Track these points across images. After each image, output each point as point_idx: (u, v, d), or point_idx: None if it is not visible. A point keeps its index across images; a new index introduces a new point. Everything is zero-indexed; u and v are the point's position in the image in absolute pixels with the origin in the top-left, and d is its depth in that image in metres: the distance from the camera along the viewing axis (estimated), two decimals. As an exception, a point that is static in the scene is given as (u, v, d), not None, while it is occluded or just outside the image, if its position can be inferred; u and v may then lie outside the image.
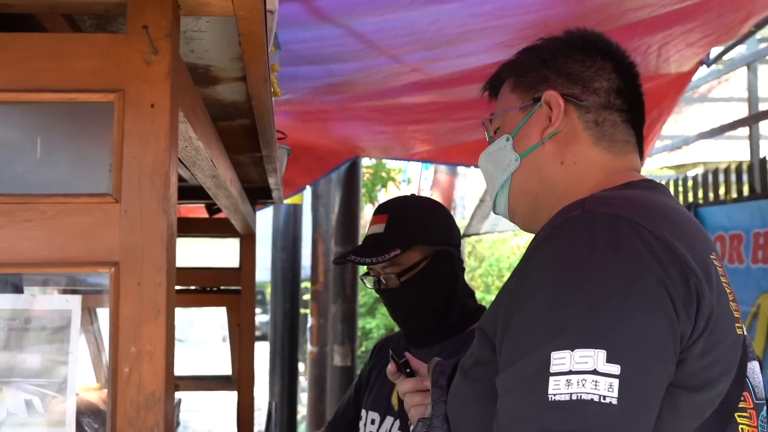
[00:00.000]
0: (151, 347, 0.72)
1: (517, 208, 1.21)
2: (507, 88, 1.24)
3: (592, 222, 0.93)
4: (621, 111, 1.16)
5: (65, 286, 0.80)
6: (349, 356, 5.59)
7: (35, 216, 0.72)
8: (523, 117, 1.17)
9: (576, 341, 0.83)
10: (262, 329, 13.15)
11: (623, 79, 1.17)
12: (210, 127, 1.16)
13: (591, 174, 1.13)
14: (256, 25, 0.86)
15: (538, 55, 1.20)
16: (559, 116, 1.13)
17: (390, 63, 2.53)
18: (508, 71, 1.25)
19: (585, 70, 1.16)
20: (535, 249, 0.96)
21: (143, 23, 0.74)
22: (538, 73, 1.18)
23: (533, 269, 0.94)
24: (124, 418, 0.71)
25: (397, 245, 1.67)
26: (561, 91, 1.14)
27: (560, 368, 0.83)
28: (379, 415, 1.77)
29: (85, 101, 0.74)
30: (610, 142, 1.15)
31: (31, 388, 0.74)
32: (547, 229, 0.97)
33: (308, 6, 1.86)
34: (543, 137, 1.14)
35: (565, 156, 1.14)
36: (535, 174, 1.16)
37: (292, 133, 3.17)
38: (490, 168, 1.24)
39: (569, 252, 0.91)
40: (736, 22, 2.70)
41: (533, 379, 0.85)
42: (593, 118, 1.14)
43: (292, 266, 5.74)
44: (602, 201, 0.98)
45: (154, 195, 0.74)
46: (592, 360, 0.82)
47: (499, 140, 1.20)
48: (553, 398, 0.82)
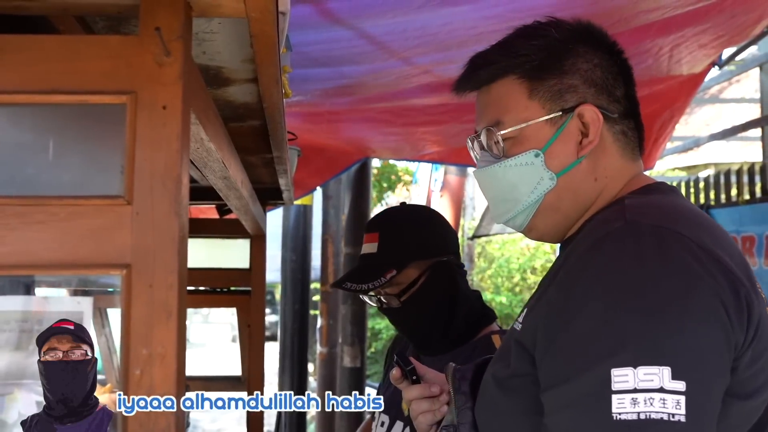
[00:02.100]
0: (162, 350, 0.72)
1: (539, 225, 1.14)
2: (517, 90, 1.12)
3: (638, 234, 0.91)
4: (633, 117, 1.13)
5: (78, 286, 0.80)
6: (359, 357, 5.59)
7: (47, 218, 0.72)
8: (553, 131, 1.09)
9: (638, 358, 0.82)
10: (271, 330, 13.18)
11: (624, 77, 1.13)
12: (221, 128, 1.16)
13: (617, 184, 1.11)
14: (268, 27, 0.86)
15: (552, 54, 1.10)
16: (598, 131, 1.08)
17: (401, 65, 2.53)
18: (510, 68, 1.12)
19: (607, 77, 1.11)
20: (577, 261, 0.94)
21: (155, 25, 0.74)
22: (561, 79, 1.09)
23: (578, 283, 0.92)
24: (135, 420, 0.71)
25: (392, 265, 1.63)
26: (593, 102, 1.09)
27: (623, 386, 0.82)
28: (389, 419, 1.76)
29: (97, 103, 0.74)
30: (632, 151, 1.13)
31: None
32: (587, 241, 0.95)
33: (320, 8, 1.86)
34: (579, 155, 1.08)
35: (598, 172, 1.09)
36: (570, 193, 1.10)
37: (303, 134, 3.17)
38: (508, 183, 1.12)
39: (618, 266, 0.89)
40: (748, 23, 2.69)
41: (593, 396, 0.83)
42: (621, 129, 1.11)
43: (302, 267, 5.75)
44: (641, 211, 0.96)
45: (166, 197, 0.73)
46: (658, 378, 0.81)
47: (523, 155, 1.09)
48: (618, 417, 0.81)
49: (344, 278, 1.69)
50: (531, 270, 11.95)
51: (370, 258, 1.68)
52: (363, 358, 5.63)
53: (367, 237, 1.72)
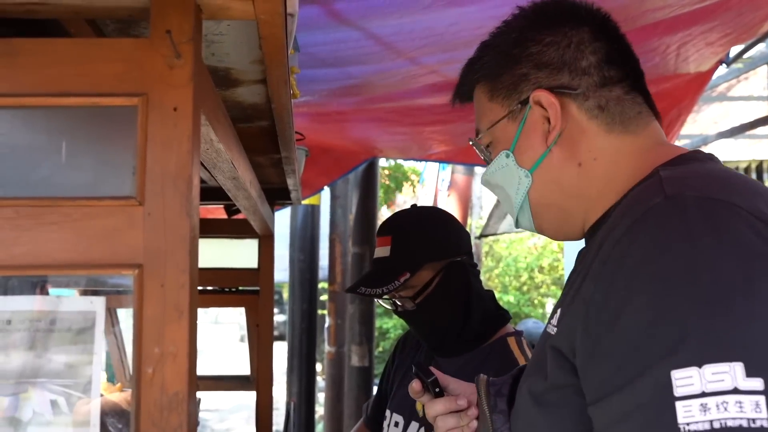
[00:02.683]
0: (174, 348, 0.73)
1: (544, 224, 1.08)
2: (482, 96, 1.09)
3: (683, 209, 0.78)
4: (620, 81, 1.01)
5: (88, 286, 0.81)
6: (367, 356, 5.60)
7: (60, 218, 0.73)
8: (516, 126, 1.04)
9: (702, 355, 0.69)
10: (279, 329, 13.22)
11: (608, 41, 1.03)
12: (231, 129, 1.17)
13: (620, 163, 0.99)
14: (276, 29, 0.87)
15: (502, 50, 1.06)
16: (558, 115, 0.99)
17: (408, 65, 2.54)
18: (474, 75, 1.11)
19: (564, 52, 1.01)
20: (614, 249, 0.82)
21: (166, 28, 0.75)
22: (512, 72, 1.04)
23: (618, 273, 0.79)
24: (148, 418, 0.72)
25: (406, 269, 1.63)
26: (547, 85, 1.00)
27: (688, 390, 0.69)
28: (404, 419, 1.76)
29: (108, 105, 0.75)
30: (623, 123, 1.00)
31: (56, 389, 0.75)
32: (624, 222, 0.83)
33: (327, 9, 1.87)
34: (548, 144, 1.01)
35: (581, 156, 1.00)
36: (553, 186, 1.03)
37: (310, 134, 3.18)
38: (499, 188, 1.10)
39: (664, 248, 0.76)
40: (756, 20, 2.68)
41: (653, 406, 0.71)
42: (595, 103, 1.00)
43: (310, 266, 5.76)
44: (683, 182, 0.83)
45: (177, 197, 0.74)
46: (730, 376, 0.68)
47: (498, 158, 1.06)
48: (686, 428, 0.68)
49: (358, 283, 1.70)
50: (539, 269, 11.93)
51: (383, 262, 1.69)
52: (371, 357, 5.64)
53: (380, 241, 1.72)
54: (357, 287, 1.68)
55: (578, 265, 0.98)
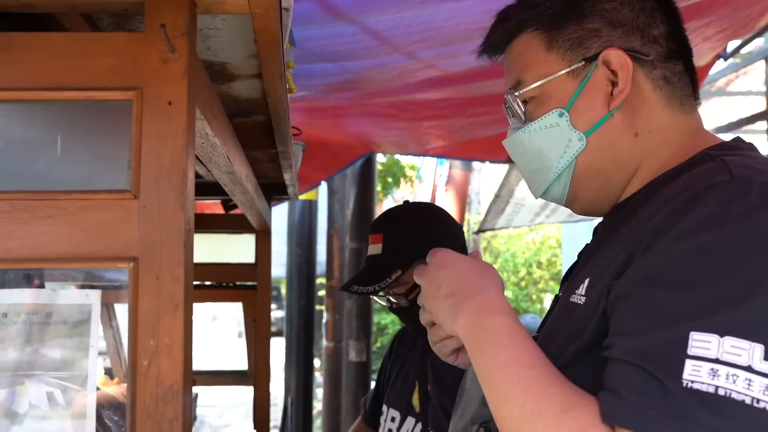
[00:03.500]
0: (169, 341, 0.73)
1: (582, 193, 1.01)
2: (535, 44, 1.00)
3: (748, 191, 0.77)
4: (681, 58, 0.98)
5: (85, 281, 0.81)
6: (364, 352, 5.60)
7: (56, 212, 0.74)
8: (576, 84, 0.96)
9: (727, 327, 0.69)
10: (277, 325, 13.22)
11: (668, 15, 0.98)
12: (226, 123, 1.18)
13: (669, 139, 0.96)
14: (271, 23, 0.87)
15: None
16: (629, 79, 0.94)
17: (404, 59, 2.54)
18: (525, 21, 1.01)
19: (639, 15, 0.96)
20: (670, 217, 0.80)
21: (161, 22, 0.75)
22: (581, 25, 0.96)
23: (670, 235, 0.78)
24: (143, 410, 0.72)
25: (397, 265, 1.63)
26: (620, 45, 0.94)
27: (703, 353, 0.69)
28: (400, 414, 1.77)
29: (104, 99, 0.76)
30: (680, 100, 0.97)
31: (52, 381, 0.75)
32: (684, 196, 0.81)
33: (323, 3, 1.87)
34: (611, 108, 0.95)
35: (638, 126, 0.96)
36: (606, 153, 0.97)
37: (307, 129, 3.18)
38: (535, 150, 1.01)
39: (720, 222, 0.75)
40: (753, 15, 2.68)
41: (661, 356, 0.71)
42: (661, 74, 0.96)
43: (308, 262, 5.77)
44: (748, 167, 0.82)
45: (172, 191, 0.75)
46: (748, 354, 0.68)
47: (547, 116, 0.98)
48: (689, 385, 0.69)
49: (351, 281, 1.70)
50: (537, 264, 11.95)
51: (376, 259, 1.69)
52: (369, 352, 5.65)
53: (372, 238, 1.72)
54: (350, 285, 1.68)
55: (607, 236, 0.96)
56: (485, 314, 0.91)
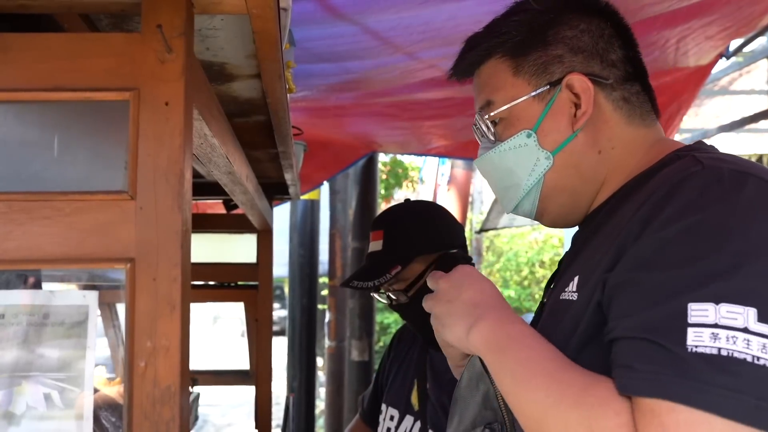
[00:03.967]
0: (166, 342, 0.73)
1: (550, 207, 1.09)
2: (503, 69, 1.07)
3: (720, 178, 0.85)
4: (637, 79, 1.06)
5: (82, 282, 0.81)
6: (367, 351, 5.60)
7: (53, 213, 0.74)
8: (542, 107, 1.03)
9: (721, 296, 0.75)
10: (280, 324, 13.21)
11: (626, 40, 1.07)
12: (225, 124, 1.17)
13: (632, 152, 1.04)
14: (269, 23, 0.87)
15: (534, 28, 1.05)
16: (591, 101, 1.01)
17: (406, 60, 2.53)
18: (493, 48, 1.08)
19: (598, 41, 1.04)
20: (654, 207, 0.86)
21: (157, 22, 0.75)
22: (545, 51, 1.04)
23: (656, 222, 0.84)
24: (140, 411, 0.72)
25: (397, 261, 1.65)
26: (581, 70, 1.02)
27: (702, 320, 0.75)
28: (399, 413, 1.77)
29: (100, 100, 0.75)
30: (640, 116, 1.05)
31: (49, 382, 0.75)
32: (663, 188, 0.87)
33: (323, 4, 1.87)
34: (575, 128, 1.02)
35: (601, 144, 1.03)
36: (572, 170, 1.04)
37: (309, 129, 3.18)
38: (505, 169, 1.08)
39: (700, 206, 0.82)
40: (755, 14, 2.67)
41: (666, 328, 0.76)
42: (620, 95, 1.04)
43: (310, 261, 5.76)
44: (717, 158, 0.90)
45: (169, 192, 0.75)
46: (742, 317, 0.74)
47: (516, 137, 1.05)
48: (694, 349, 0.74)
49: (352, 277, 1.71)
50: (539, 263, 11.93)
51: (376, 256, 1.70)
52: (371, 351, 5.65)
53: (373, 236, 1.74)
54: (350, 281, 1.69)
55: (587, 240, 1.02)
56: (504, 324, 0.97)
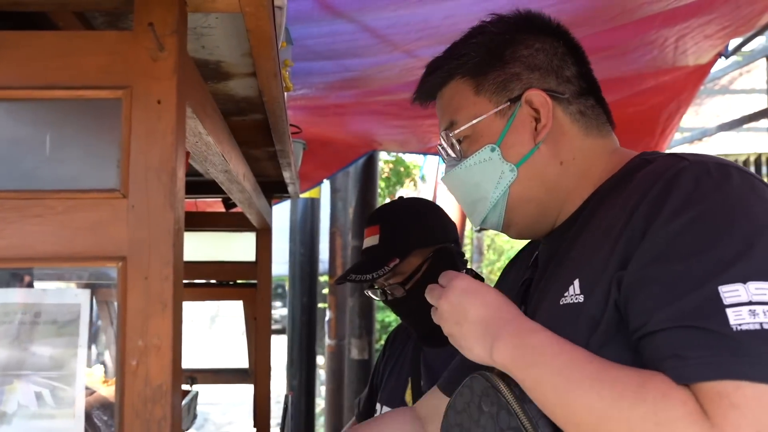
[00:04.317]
0: (158, 341, 0.73)
1: (517, 219, 1.12)
2: (464, 90, 1.13)
3: (708, 170, 0.90)
4: (590, 93, 1.12)
5: (75, 281, 0.81)
6: (366, 349, 5.60)
7: (44, 211, 0.73)
8: (504, 122, 1.09)
9: (746, 275, 0.79)
10: (282, 322, 13.21)
11: (575, 56, 1.12)
12: (220, 122, 1.17)
13: (594, 161, 1.09)
14: (263, 21, 0.87)
15: (491, 49, 1.11)
16: (550, 114, 1.07)
17: (404, 58, 2.53)
18: (454, 70, 1.14)
19: (552, 59, 1.10)
20: (654, 204, 0.89)
21: (149, 20, 0.75)
22: (503, 70, 1.10)
23: (660, 218, 0.87)
24: (132, 410, 0.72)
25: (395, 255, 1.66)
26: (539, 86, 1.08)
27: (736, 299, 0.78)
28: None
29: (93, 98, 0.75)
30: (597, 128, 1.11)
31: (41, 381, 0.75)
32: (658, 186, 0.91)
33: (321, 1, 1.87)
34: (536, 141, 1.07)
35: (563, 155, 1.08)
36: (536, 181, 1.09)
37: (309, 127, 3.17)
38: (472, 183, 1.12)
39: (700, 197, 0.87)
40: (754, 13, 2.67)
41: (705, 313, 0.79)
42: (577, 108, 1.10)
43: (310, 260, 5.76)
44: (696, 155, 0.95)
45: (161, 190, 0.74)
46: None
47: (480, 152, 1.09)
48: (739, 328, 0.76)
49: (348, 272, 1.72)
50: (540, 262, 11.91)
51: (373, 250, 1.71)
52: (371, 350, 5.65)
53: (368, 231, 1.75)
54: (347, 275, 1.70)
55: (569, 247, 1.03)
56: (524, 335, 0.96)
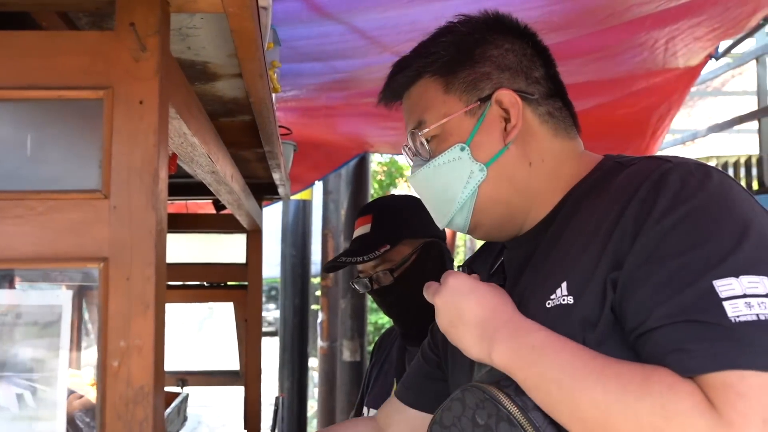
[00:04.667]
0: (140, 342, 0.73)
1: (484, 220, 1.11)
2: (433, 89, 1.11)
3: (691, 171, 0.91)
4: (558, 95, 1.12)
5: (56, 282, 0.80)
6: (358, 351, 5.60)
7: (25, 212, 0.73)
8: (473, 122, 1.07)
9: (738, 269, 0.80)
10: (275, 324, 13.19)
11: (542, 58, 1.12)
12: (206, 123, 1.17)
13: (563, 163, 1.09)
14: (247, 22, 0.86)
15: (461, 49, 1.10)
16: (520, 114, 1.06)
17: (394, 59, 2.51)
18: (423, 68, 1.12)
19: (522, 60, 1.09)
20: (642, 206, 0.90)
21: (131, 20, 0.75)
22: (473, 69, 1.08)
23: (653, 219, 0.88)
24: (113, 412, 0.71)
25: (386, 241, 1.71)
26: (509, 86, 1.07)
27: (731, 293, 0.79)
28: None
29: (74, 98, 0.75)
30: (565, 130, 1.11)
31: (22, 383, 0.74)
32: (646, 185, 0.92)
33: (309, 3, 1.87)
34: (506, 141, 1.06)
35: (531, 156, 1.07)
36: (506, 182, 1.07)
37: (300, 129, 3.17)
38: (440, 183, 1.10)
39: (687, 196, 0.88)
40: (743, 15, 2.68)
41: (702, 307, 0.80)
42: (546, 110, 1.09)
43: (302, 262, 5.76)
44: (675, 157, 0.97)
45: (143, 191, 0.74)
46: (762, 285, 0.79)
47: (449, 151, 1.08)
48: (737, 319, 0.77)
49: (338, 256, 1.76)
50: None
51: (364, 237, 1.76)
52: (363, 352, 5.64)
53: (360, 221, 1.80)
54: (337, 258, 1.75)
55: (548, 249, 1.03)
56: (523, 335, 0.95)
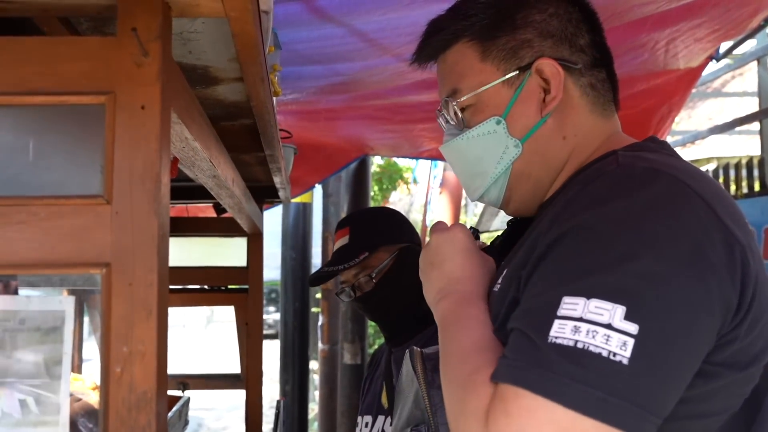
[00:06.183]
0: (143, 347, 0.73)
1: (515, 195, 1.06)
2: (470, 55, 1.03)
3: (631, 175, 0.85)
4: (603, 65, 1.04)
5: (59, 287, 0.80)
6: (359, 354, 5.59)
7: (28, 218, 0.73)
8: (511, 92, 1.01)
9: (594, 291, 0.76)
10: (276, 327, 13.20)
11: (593, 25, 1.04)
12: (207, 127, 1.17)
13: (589, 142, 1.02)
14: (248, 26, 0.86)
15: (502, 12, 1.02)
16: (560, 86, 0.99)
17: (394, 62, 2.53)
18: (460, 31, 1.04)
19: (566, 26, 1.01)
20: (563, 207, 0.87)
21: (133, 26, 0.74)
22: (514, 36, 1.01)
23: (558, 223, 0.85)
24: (116, 417, 0.71)
25: (365, 249, 1.82)
26: (551, 55, 0.99)
27: (569, 313, 0.76)
28: (372, 417, 1.85)
29: (76, 104, 0.75)
30: (602, 106, 1.04)
31: (25, 389, 0.74)
32: (577, 188, 0.89)
33: (309, 6, 1.87)
34: (543, 114, 0.99)
35: (566, 130, 1.01)
36: (538, 157, 1.01)
37: (300, 132, 3.17)
38: (473, 156, 1.04)
39: (602, 202, 0.83)
40: (744, 16, 2.68)
41: (538, 319, 0.78)
42: (588, 81, 1.02)
43: (302, 265, 5.76)
44: (639, 158, 0.90)
45: (145, 196, 0.74)
46: (609, 313, 0.74)
47: (485, 124, 1.01)
48: (553, 340, 0.75)
49: (320, 269, 1.87)
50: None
51: (344, 248, 1.86)
52: (363, 355, 5.63)
53: (339, 234, 1.90)
54: (319, 271, 1.85)
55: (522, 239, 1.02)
56: (466, 304, 0.98)
